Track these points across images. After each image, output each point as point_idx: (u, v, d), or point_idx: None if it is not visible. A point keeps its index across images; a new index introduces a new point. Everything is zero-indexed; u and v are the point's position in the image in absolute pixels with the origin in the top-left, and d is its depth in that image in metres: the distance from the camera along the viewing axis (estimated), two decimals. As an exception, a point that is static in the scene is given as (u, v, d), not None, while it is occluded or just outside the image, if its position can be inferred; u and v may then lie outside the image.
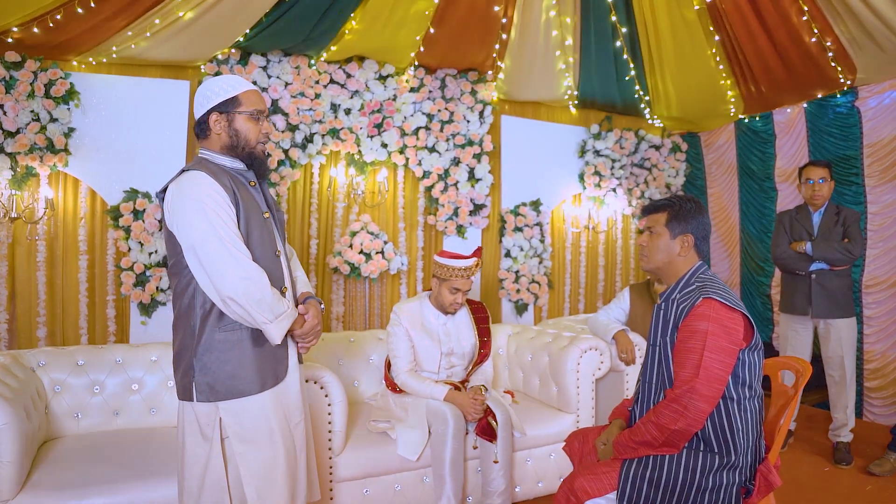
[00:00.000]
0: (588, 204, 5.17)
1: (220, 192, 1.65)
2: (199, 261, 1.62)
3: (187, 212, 1.62)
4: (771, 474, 1.80)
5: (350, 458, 2.43)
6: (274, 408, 1.74)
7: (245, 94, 1.77)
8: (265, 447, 1.71)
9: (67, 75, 3.49)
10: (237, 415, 1.68)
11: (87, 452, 2.23)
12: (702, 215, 1.96)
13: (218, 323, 1.67)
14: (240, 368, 1.68)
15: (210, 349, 1.66)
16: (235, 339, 1.69)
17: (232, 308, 1.62)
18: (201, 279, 1.64)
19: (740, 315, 1.77)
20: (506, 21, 3.76)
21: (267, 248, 1.77)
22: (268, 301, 1.64)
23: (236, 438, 1.68)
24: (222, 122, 1.75)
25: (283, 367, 1.80)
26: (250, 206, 1.74)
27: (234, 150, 1.77)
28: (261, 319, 1.64)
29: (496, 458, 2.52)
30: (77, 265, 3.62)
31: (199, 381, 1.66)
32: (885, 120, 3.97)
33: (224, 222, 1.62)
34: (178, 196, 1.65)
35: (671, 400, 1.74)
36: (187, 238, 1.62)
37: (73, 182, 3.62)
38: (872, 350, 4.07)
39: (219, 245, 1.60)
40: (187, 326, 1.69)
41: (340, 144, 4.17)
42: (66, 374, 2.49)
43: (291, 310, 1.74)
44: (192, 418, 1.70)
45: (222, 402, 1.67)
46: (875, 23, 3.14)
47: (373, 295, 4.37)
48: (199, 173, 1.66)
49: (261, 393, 1.71)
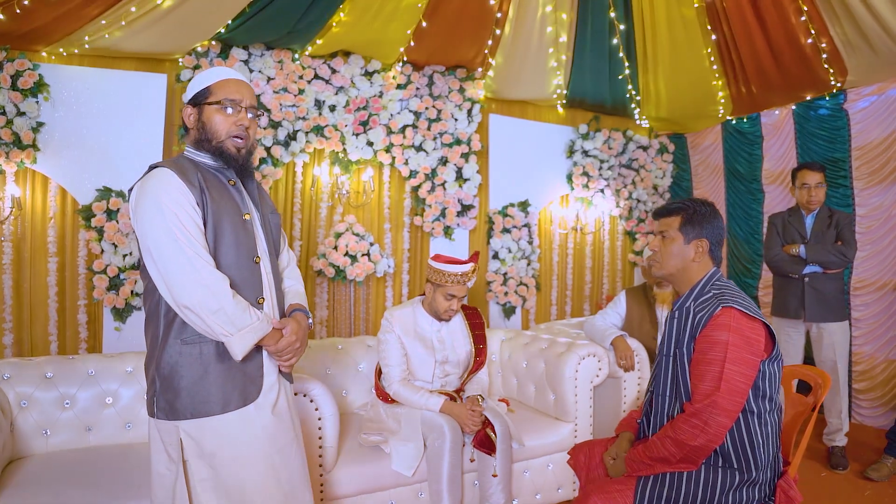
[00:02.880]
0: (576, 205, 5.11)
1: (182, 192, 1.50)
2: (154, 266, 1.48)
3: (146, 212, 1.48)
4: (791, 489, 1.73)
5: (342, 475, 2.30)
6: (241, 431, 1.56)
7: (218, 84, 1.61)
8: (231, 473, 1.54)
9: (36, 66, 3.28)
10: (197, 437, 1.53)
11: (58, 473, 2.05)
12: (716, 219, 1.88)
13: (180, 333, 1.52)
14: (201, 385, 1.52)
15: (171, 362, 1.52)
16: (198, 352, 1.53)
17: (189, 318, 1.48)
18: (159, 284, 1.50)
19: (761, 324, 1.70)
20: (500, 16, 3.66)
21: (242, 253, 1.61)
22: (228, 312, 1.48)
23: (197, 462, 1.53)
24: (193, 116, 1.63)
25: (254, 386, 1.61)
26: (223, 208, 1.59)
27: (204, 144, 1.61)
28: (219, 332, 1.48)
29: (495, 472, 2.41)
30: (46, 268, 3.40)
31: (160, 396, 1.52)
32: (873, 122, 3.98)
33: (183, 224, 1.47)
34: (139, 194, 1.52)
35: (690, 415, 1.65)
36: (144, 240, 1.48)
37: (41, 180, 3.41)
38: (860, 352, 4.07)
39: (174, 249, 1.45)
40: (153, 332, 1.57)
41: (325, 142, 4.02)
42: (34, 387, 2.30)
43: (260, 322, 1.55)
44: (156, 435, 1.57)
45: (182, 421, 1.52)
46: (873, 24, 3.12)
47: (358, 299, 4.23)
48: (164, 170, 1.53)
49: (223, 414, 1.54)
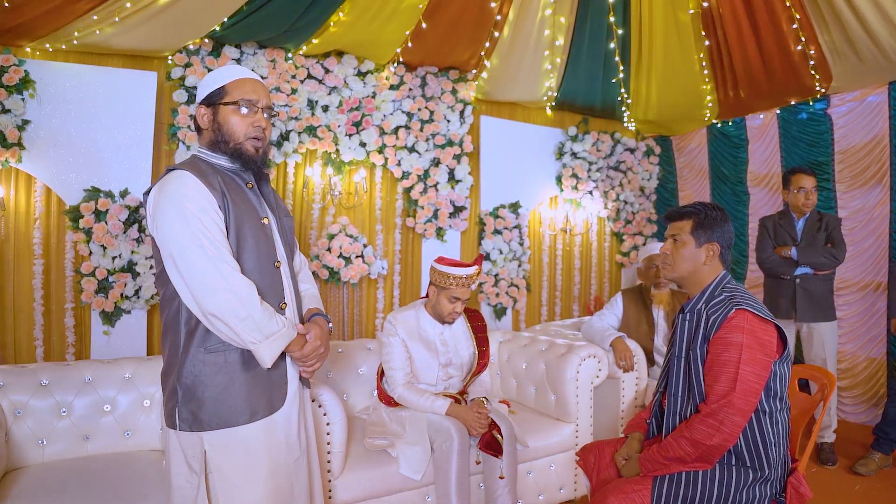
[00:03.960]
0: (565, 206, 5.15)
1: (205, 195, 1.46)
2: (178, 272, 1.44)
3: (167, 216, 1.44)
4: (802, 486, 1.77)
5: (349, 480, 2.27)
6: (266, 441, 1.54)
7: (234, 83, 1.58)
8: (253, 487, 1.51)
9: (21, 62, 3.17)
10: (223, 448, 1.49)
11: (55, 483, 1.98)
12: (727, 223, 1.91)
13: (204, 342, 1.48)
14: (227, 395, 1.48)
15: (194, 371, 1.47)
16: (223, 360, 1.49)
17: (216, 325, 1.44)
18: (183, 292, 1.46)
19: (773, 326, 1.73)
20: (500, 18, 3.67)
21: (263, 259, 1.57)
22: (256, 319, 1.44)
23: (220, 475, 1.49)
24: (207, 116, 1.58)
25: (280, 393, 1.58)
26: (244, 211, 1.55)
27: (221, 146, 1.58)
28: (248, 339, 1.45)
29: (501, 474, 2.41)
30: (31, 270, 3.30)
31: (182, 407, 1.47)
32: (855, 127, 4.09)
33: (207, 229, 1.44)
34: (159, 198, 1.47)
35: (707, 415, 1.68)
36: (166, 246, 1.44)
37: (26, 179, 3.30)
38: (843, 350, 4.19)
39: (200, 255, 1.41)
40: (173, 342, 1.51)
41: (318, 143, 3.98)
42: (29, 395, 2.22)
43: (287, 329, 1.53)
44: (177, 447, 1.51)
45: (206, 432, 1.48)
46: (860, 32, 3.21)
47: (351, 301, 4.20)
48: (184, 173, 1.48)
49: (250, 423, 1.51)
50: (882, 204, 4.00)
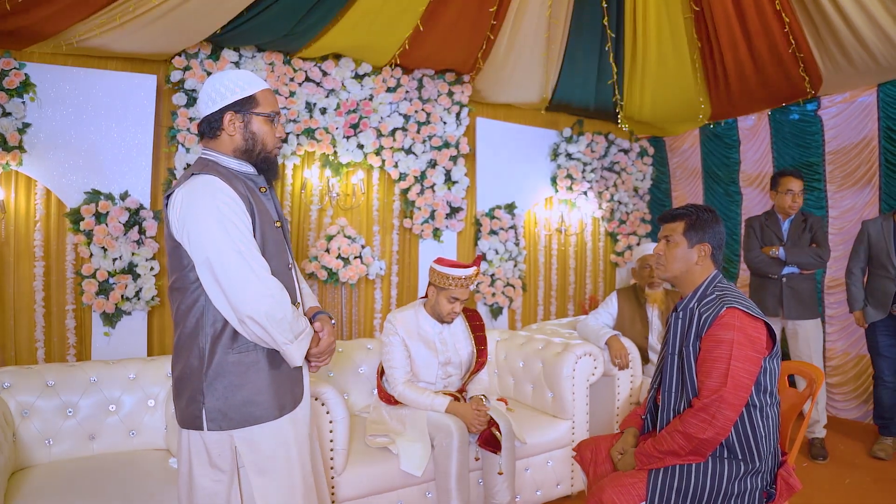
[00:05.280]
0: (560, 207, 5.21)
1: (236, 200, 1.50)
2: (213, 277, 1.46)
3: (202, 221, 1.46)
4: (791, 477, 1.83)
5: (351, 477, 2.32)
6: (293, 434, 1.61)
7: (262, 94, 1.62)
8: (284, 477, 1.58)
9: (22, 66, 3.19)
10: (254, 443, 1.54)
11: (63, 483, 2.02)
12: (718, 224, 1.97)
13: (232, 344, 1.52)
14: (256, 393, 1.54)
15: (222, 373, 1.51)
16: (251, 360, 1.54)
17: (250, 328, 1.48)
18: (216, 297, 1.48)
19: (762, 323, 1.79)
20: (495, 23, 3.72)
21: (281, 261, 1.63)
22: (289, 320, 1.50)
23: (253, 469, 1.54)
24: (237, 123, 1.60)
25: (300, 388, 1.67)
26: (264, 215, 1.60)
27: (249, 153, 1.62)
28: (281, 340, 1.50)
29: (500, 470, 2.46)
30: (32, 272, 3.32)
31: (210, 407, 1.51)
32: (845, 128, 4.17)
33: (242, 233, 1.48)
34: (190, 203, 1.48)
35: (699, 409, 1.74)
36: (202, 251, 1.46)
37: (27, 182, 3.32)
38: (834, 348, 4.26)
39: (238, 259, 1.45)
40: (194, 348, 1.53)
41: (316, 145, 4.02)
42: (35, 396, 2.26)
43: (309, 327, 1.62)
44: (201, 448, 1.54)
45: (237, 430, 1.53)
46: (848, 36, 3.28)
47: (349, 301, 4.24)
48: (213, 178, 1.51)
49: (279, 419, 1.58)
50: (871, 204, 4.08)
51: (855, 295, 3.51)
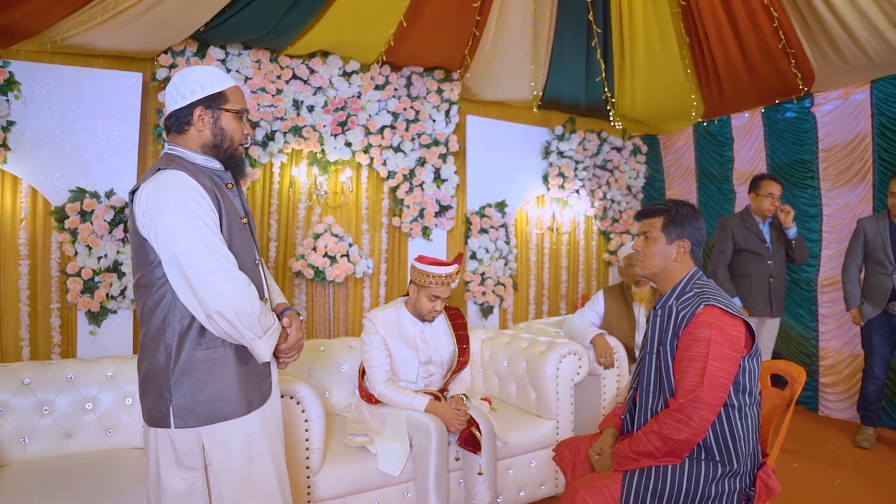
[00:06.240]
0: (552, 205, 5.17)
1: (203, 195, 1.49)
2: (181, 272, 1.43)
3: (168, 217, 1.44)
4: (770, 479, 1.79)
5: (328, 477, 2.29)
6: (261, 430, 1.59)
7: (231, 91, 1.62)
8: (254, 474, 1.56)
9: (6, 63, 3.17)
10: (222, 441, 1.53)
11: (38, 481, 2.00)
12: (698, 220, 1.94)
13: (199, 340, 1.50)
14: (224, 389, 1.52)
15: (190, 369, 1.49)
16: (219, 356, 1.52)
17: (218, 324, 1.46)
18: (183, 292, 1.46)
19: (741, 322, 1.76)
20: (480, 18, 3.69)
21: (248, 257, 1.62)
22: (257, 315, 1.48)
23: (221, 466, 1.53)
24: (206, 119, 1.59)
25: (267, 384, 1.66)
26: (230, 211, 1.59)
27: (217, 149, 1.62)
28: (249, 336, 1.49)
29: (480, 470, 2.43)
30: (17, 271, 3.31)
31: (178, 404, 1.49)
32: (839, 125, 4.13)
33: (210, 229, 1.46)
34: (156, 199, 1.45)
35: (675, 410, 1.70)
36: (169, 247, 1.44)
37: (11, 180, 3.31)
38: (827, 347, 4.22)
39: (206, 254, 1.43)
40: (161, 345, 1.51)
41: (303, 143, 4.00)
42: (11, 394, 2.24)
43: (277, 323, 1.60)
44: (168, 447, 1.52)
45: (204, 426, 1.51)
46: (839, 31, 3.24)
47: (337, 300, 4.22)
48: (180, 173, 1.49)
49: (247, 415, 1.56)
50: (865, 201, 4.03)
51: (851, 293, 3.56)
